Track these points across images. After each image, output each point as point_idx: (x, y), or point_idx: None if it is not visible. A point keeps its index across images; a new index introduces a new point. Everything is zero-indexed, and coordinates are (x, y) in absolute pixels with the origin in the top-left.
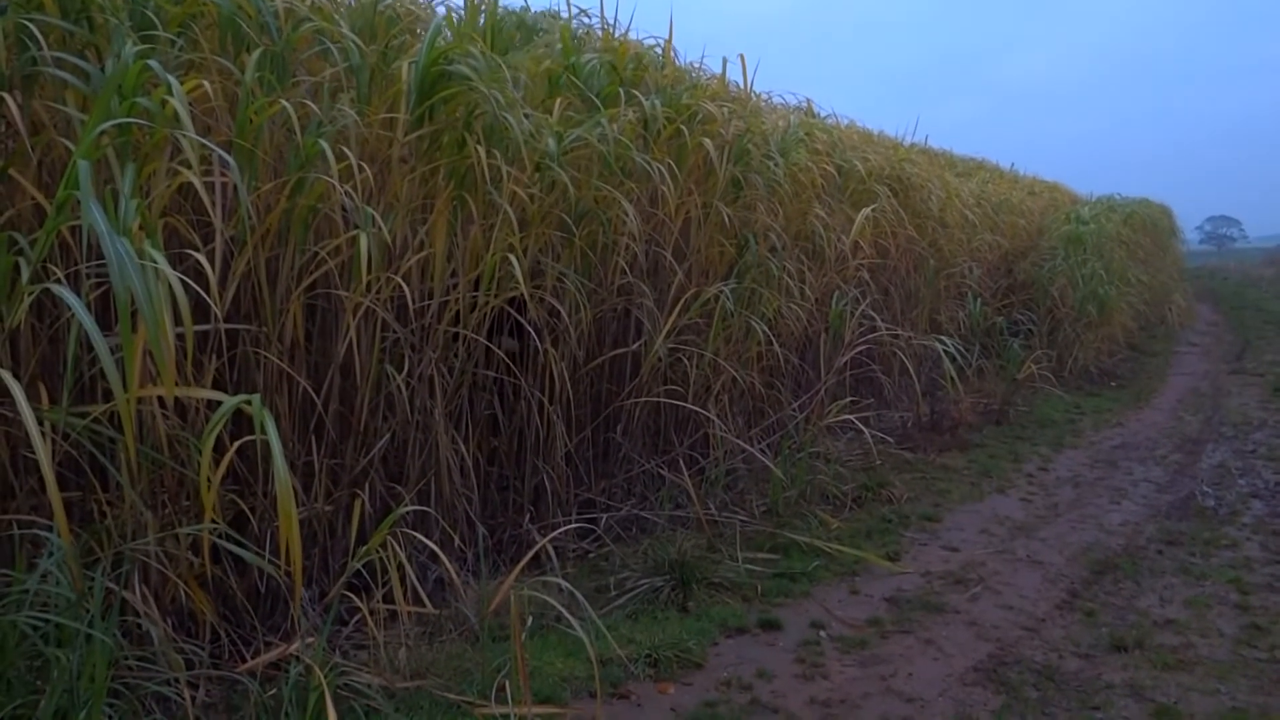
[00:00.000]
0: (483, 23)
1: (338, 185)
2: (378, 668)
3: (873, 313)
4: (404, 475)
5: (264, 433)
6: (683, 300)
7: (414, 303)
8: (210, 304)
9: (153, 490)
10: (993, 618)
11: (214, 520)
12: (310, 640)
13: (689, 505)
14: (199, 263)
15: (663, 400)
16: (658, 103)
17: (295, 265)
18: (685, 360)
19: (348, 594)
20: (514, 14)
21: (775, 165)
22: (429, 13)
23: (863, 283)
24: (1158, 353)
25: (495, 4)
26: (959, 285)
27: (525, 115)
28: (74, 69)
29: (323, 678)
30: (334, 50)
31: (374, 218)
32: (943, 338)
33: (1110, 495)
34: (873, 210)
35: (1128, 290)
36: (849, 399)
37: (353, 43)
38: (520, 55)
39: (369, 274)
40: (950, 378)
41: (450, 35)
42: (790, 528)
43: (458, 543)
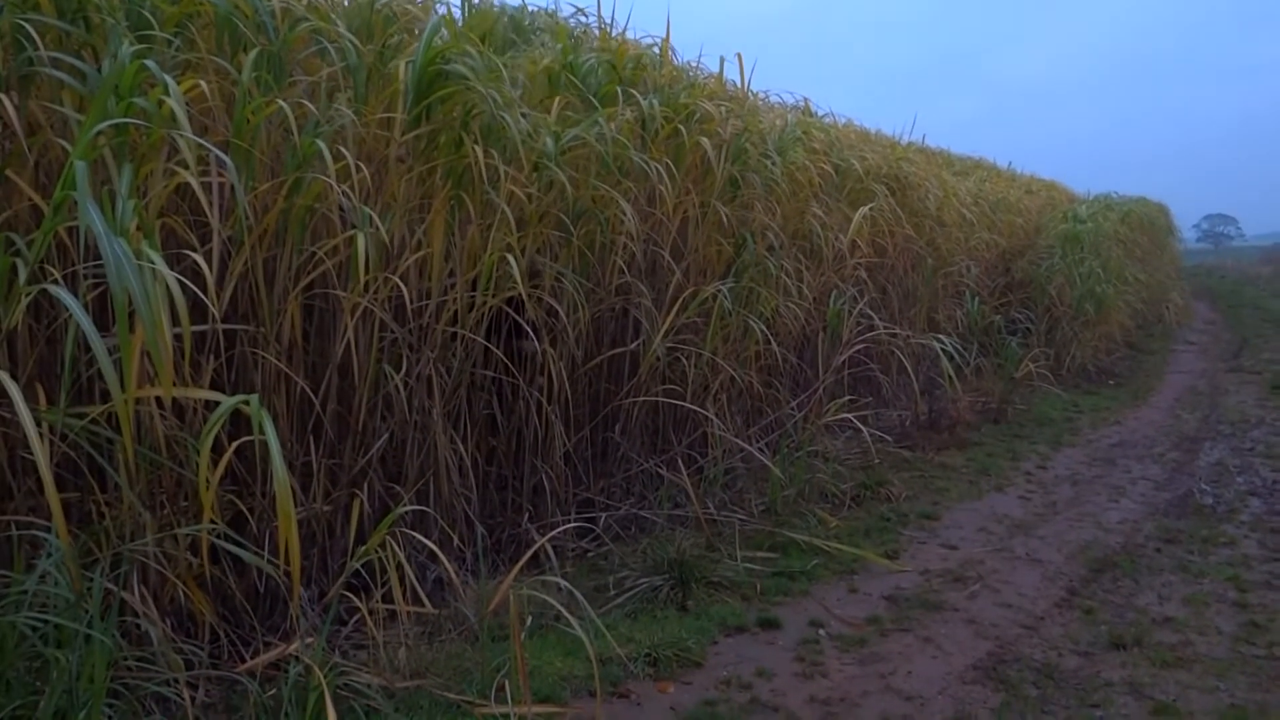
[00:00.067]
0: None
1: (335, 185)
2: (377, 667)
3: (870, 312)
4: (402, 475)
5: (262, 433)
6: (681, 299)
7: (412, 303)
8: (208, 304)
9: (151, 491)
10: (992, 616)
11: (212, 520)
12: (310, 640)
13: (688, 504)
14: (196, 263)
15: (661, 399)
16: (655, 102)
17: (293, 265)
18: (683, 359)
19: (347, 594)
20: (506, 11)
21: (773, 164)
22: (426, 12)
23: (860, 281)
24: (1155, 351)
25: (490, 4)
26: (957, 284)
27: (523, 115)
28: (70, 69)
29: (322, 678)
30: (331, 50)
31: (371, 218)
32: (940, 336)
33: (1108, 493)
34: (870, 209)
35: (1125, 289)
36: (847, 398)
37: (349, 42)
38: (518, 55)
39: (367, 274)
40: (948, 376)
41: (447, 34)
42: (789, 526)
43: (456, 542)
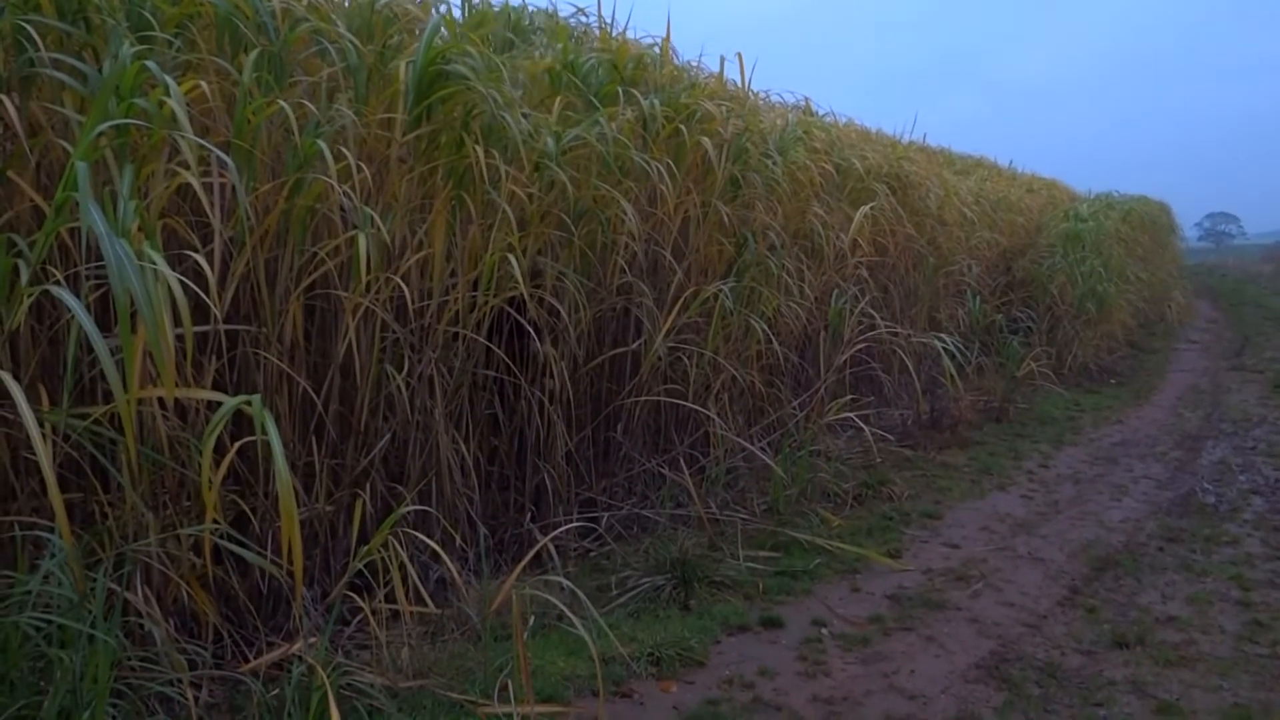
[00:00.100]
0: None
1: (336, 185)
2: (380, 667)
3: (872, 311)
4: (405, 475)
5: (265, 433)
6: (682, 299)
7: (413, 303)
8: (210, 305)
9: (154, 491)
10: (994, 615)
11: (215, 521)
12: (313, 640)
13: (690, 504)
14: (198, 264)
15: (663, 399)
16: (656, 102)
17: (294, 266)
18: (685, 359)
19: (350, 594)
20: (507, 10)
21: (774, 164)
22: (426, 12)
23: (862, 281)
24: (1157, 350)
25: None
26: (958, 283)
27: (523, 115)
28: (71, 70)
29: (325, 677)
30: (331, 50)
31: (372, 218)
32: (942, 335)
33: (1111, 492)
34: (871, 208)
35: (1127, 287)
36: (849, 397)
37: (350, 43)
38: (518, 55)
39: (368, 274)
40: (950, 375)
41: (447, 35)
42: (791, 526)
43: (459, 542)
